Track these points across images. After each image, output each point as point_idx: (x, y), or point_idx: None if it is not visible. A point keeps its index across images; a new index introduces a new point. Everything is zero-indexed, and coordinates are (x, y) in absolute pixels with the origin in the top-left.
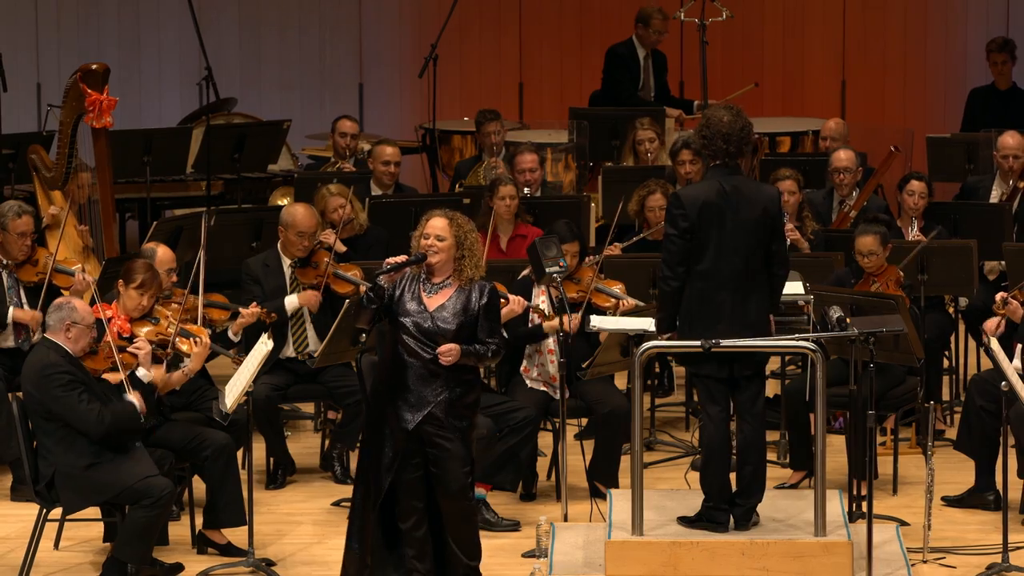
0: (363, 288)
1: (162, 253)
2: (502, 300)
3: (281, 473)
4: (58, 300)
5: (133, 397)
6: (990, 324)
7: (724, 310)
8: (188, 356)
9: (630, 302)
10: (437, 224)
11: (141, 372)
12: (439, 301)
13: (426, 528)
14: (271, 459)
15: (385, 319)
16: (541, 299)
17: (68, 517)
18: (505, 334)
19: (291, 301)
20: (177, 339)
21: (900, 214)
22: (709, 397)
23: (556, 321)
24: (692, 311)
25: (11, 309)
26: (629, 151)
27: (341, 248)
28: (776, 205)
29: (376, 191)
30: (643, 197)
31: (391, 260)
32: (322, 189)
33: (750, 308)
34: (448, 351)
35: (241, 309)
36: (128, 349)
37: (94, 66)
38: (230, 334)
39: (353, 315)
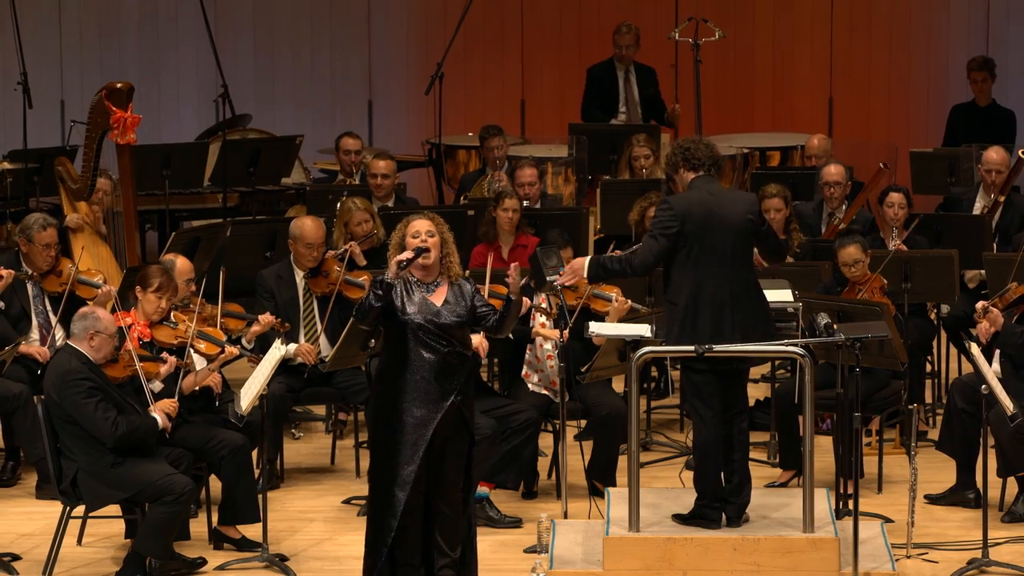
0: None
1: (181, 264)
2: None
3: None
4: (83, 309)
5: (158, 415)
6: (982, 328)
7: (727, 310)
8: (205, 356)
9: (625, 302)
10: (424, 224)
11: (155, 385)
12: (442, 298)
13: (420, 522)
14: (277, 457)
15: (381, 327)
16: (543, 304)
17: (90, 514)
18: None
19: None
20: (196, 341)
21: (882, 225)
22: (702, 399)
23: (546, 329)
24: (695, 314)
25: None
26: (625, 166)
27: (363, 261)
28: (756, 206)
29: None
30: (644, 208)
31: (401, 257)
32: (347, 202)
33: (752, 304)
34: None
35: (260, 317)
36: (162, 355)
37: (119, 84)
38: (243, 341)
39: (358, 315)
